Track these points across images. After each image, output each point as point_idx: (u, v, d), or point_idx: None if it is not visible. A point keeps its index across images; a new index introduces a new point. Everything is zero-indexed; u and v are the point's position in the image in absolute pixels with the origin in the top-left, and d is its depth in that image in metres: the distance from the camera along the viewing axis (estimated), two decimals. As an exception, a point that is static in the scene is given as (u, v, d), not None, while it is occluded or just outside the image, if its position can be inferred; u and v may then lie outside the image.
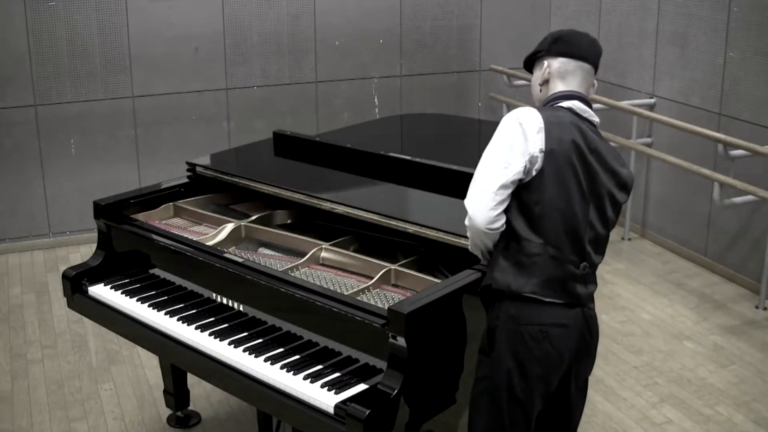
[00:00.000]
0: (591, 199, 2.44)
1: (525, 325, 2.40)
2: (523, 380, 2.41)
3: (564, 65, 2.52)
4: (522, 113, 2.42)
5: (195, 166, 3.64)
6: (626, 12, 6.01)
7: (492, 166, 2.40)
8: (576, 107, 2.47)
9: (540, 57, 2.58)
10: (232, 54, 6.07)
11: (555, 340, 2.41)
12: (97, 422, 3.82)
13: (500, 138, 2.43)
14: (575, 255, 2.43)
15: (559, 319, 2.42)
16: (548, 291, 2.40)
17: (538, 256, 2.39)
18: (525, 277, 2.40)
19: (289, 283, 2.75)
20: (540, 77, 2.57)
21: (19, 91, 5.63)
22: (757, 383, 4.14)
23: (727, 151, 4.85)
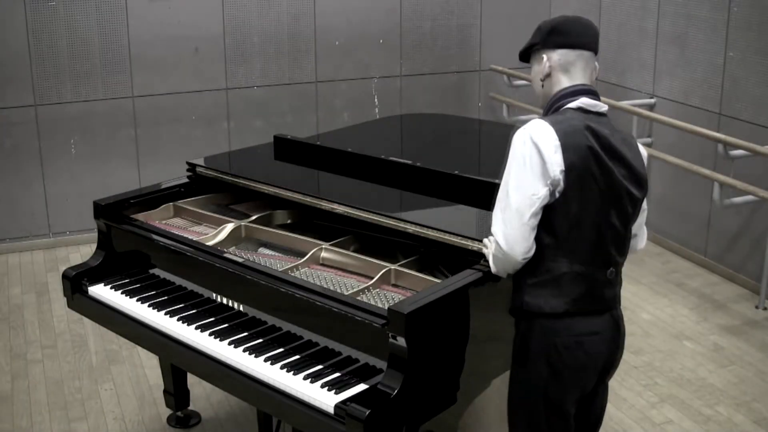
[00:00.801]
0: (611, 202, 2.38)
1: (559, 337, 2.39)
2: (560, 388, 2.42)
3: (564, 57, 2.43)
4: (535, 132, 2.32)
5: (195, 166, 3.64)
6: (626, 12, 6.01)
7: (519, 195, 2.32)
8: (585, 104, 2.40)
9: (537, 50, 2.48)
10: (232, 54, 6.07)
11: (589, 348, 2.41)
12: (97, 422, 3.82)
13: (519, 163, 2.33)
14: (601, 264, 2.41)
15: (592, 327, 2.42)
16: (579, 305, 2.39)
17: (566, 275, 2.36)
18: (555, 297, 2.37)
19: (289, 283, 2.75)
20: (541, 72, 2.47)
21: (19, 91, 5.63)
22: (757, 383, 4.15)
23: (727, 151, 4.85)
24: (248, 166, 3.74)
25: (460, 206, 3.15)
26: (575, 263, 2.36)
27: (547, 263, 2.37)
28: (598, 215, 2.37)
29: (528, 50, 2.52)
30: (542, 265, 2.38)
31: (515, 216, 2.33)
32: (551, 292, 2.38)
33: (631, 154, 2.43)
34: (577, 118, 2.37)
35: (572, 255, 2.36)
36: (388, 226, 2.97)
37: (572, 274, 2.37)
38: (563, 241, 2.35)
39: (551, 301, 2.38)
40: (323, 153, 3.70)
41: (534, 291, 2.39)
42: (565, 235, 2.34)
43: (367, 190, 3.37)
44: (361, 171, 3.49)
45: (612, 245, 2.42)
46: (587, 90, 2.43)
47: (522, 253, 2.36)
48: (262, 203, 3.55)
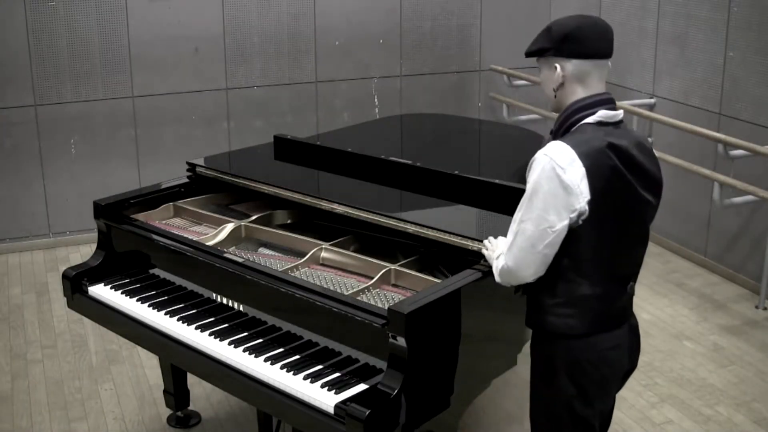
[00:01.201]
0: (633, 218, 2.33)
1: (583, 355, 2.35)
2: (586, 404, 2.39)
3: (579, 67, 2.29)
4: (559, 159, 2.19)
5: (195, 166, 3.64)
6: (626, 12, 6.01)
7: (534, 226, 2.23)
8: (604, 117, 2.28)
9: (548, 56, 2.32)
10: (232, 54, 6.07)
11: (612, 362, 2.40)
12: (97, 422, 3.82)
13: (539, 193, 2.22)
14: (623, 281, 2.38)
15: (613, 341, 2.39)
16: (600, 323, 2.36)
17: (587, 296, 2.31)
18: (577, 319, 2.32)
19: (289, 283, 2.75)
20: (554, 81, 2.32)
21: (19, 91, 5.63)
22: (757, 383, 4.14)
23: (727, 151, 4.85)
24: (248, 166, 3.74)
25: (460, 206, 3.15)
26: (596, 285, 2.31)
27: (569, 284, 2.31)
28: (621, 234, 2.31)
29: (536, 53, 2.37)
30: (563, 286, 2.31)
31: (527, 244, 2.26)
32: (573, 312, 2.32)
33: (648, 160, 2.35)
34: (598, 136, 2.25)
35: (594, 277, 2.30)
36: (388, 226, 2.98)
37: (594, 296, 2.31)
38: (585, 265, 2.29)
39: (571, 322, 2.32)
40: (323, 153, 3.70)
41: (556, 311, 2.33)
42: (588, 258, 2.28)
43: (367, 190, 3.38)
44: (361, 171, 3.49)
45: (633, 261, 2.40)
46: (605, 100, 2.31)
47: (530, 277, 2.32)
48: (262, 203, 3.55)
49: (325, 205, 3.17)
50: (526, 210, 2.26)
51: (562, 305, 2.32)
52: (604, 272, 2.32)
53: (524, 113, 6.60)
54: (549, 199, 2.21)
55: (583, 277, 2.30)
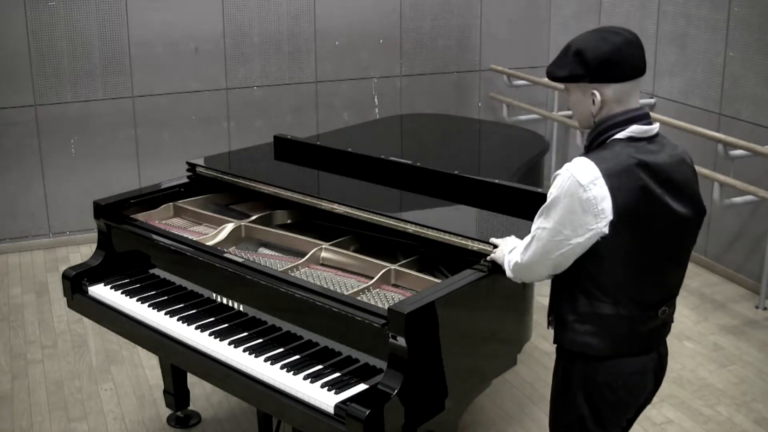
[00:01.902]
0: (669, 240, 2.23)
1: (600, 376, 2.28)
2: (598, 426, 2.34)
3: (618, 89, 2.19)
4: (581, 175, 2.12)
5: (195, 166, 3.64)
6: (626, 12, 6.01)
7: (550, 236, 2.19)
8: (635, 133, 2.19)
9: (583, 82, 2.21)
10: (232, 54, 6.07)
11: (631, 388, 2.32)
12: (97, 422, 3.82)
13: (559, 207, 2.16)
14: (652, 305, 2.27)
15: (635, 367, 2.30)
16: (623, 346, 2.27)
17: (611, 317, 2.22)
18: (599, 338, 2.24)
19: (289, 283, 2.75)
20: (592, 107, 2.21)
21: (19, 91, 5.63)
22: (757, 383, 4.14)
23: (727, 151, 4.85)
24: (248, 166, 3.75)
25: (460, 206, 3.15)
26: (620, 306, 2.22)
27: (591, 302, 2.23)
28: (651, 256, 2.21)
29: (569, 79, 2.24)
30: (585, 303, 2.24)
31: (542, 250, 2.23)
32: (593, 330, 2.24)
33: (687, 176, 2.25)
34: (627, 152, 2.16)
35: (618, 297, 2.21)
36: (388, 226, 2.98)
37: (617, 317, 2.22)
38: (609, 284, 2.21)
39: (591, 340, 2.25)
40: (323, 153, 3.70)
41: (576, 327, 2.26)
42: (611, 278, 2.20)
43: (367, 190, 3.38)
44: (361, 171, 3.49)
45: (667, 284, 2.30)
46: (639, 116, 2.21)
47: (542, 277, 2.31)
48: (262, 203, 3.55)
49: (325, 205, 3.17)
50: (544, 219, 2.22)
51: (583, 322, 2.25)
52: (629, 294, 2.22)
53: (524, 113, 6.60)
54: (566, 214, 2.15)
55: (606, 296, 2.21)
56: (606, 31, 2.22)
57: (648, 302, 2.26)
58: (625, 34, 2.22)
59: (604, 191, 2.11)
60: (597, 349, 2.25)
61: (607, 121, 2.21)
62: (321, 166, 3.65)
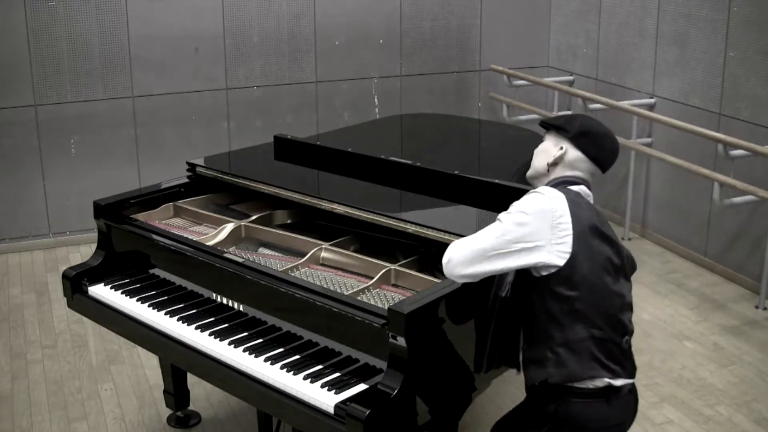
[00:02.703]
0: (617, 272, 2.45)
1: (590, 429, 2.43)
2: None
3: (580, 161, 2.51)
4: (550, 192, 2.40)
5: (195, 166, 3.64)
6: (626, 12, 6.01)
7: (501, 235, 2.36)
8: (583, 192, 2.50)
9: (561, 136, 2.53)
10: (232, 54, 6.07)
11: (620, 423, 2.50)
12: (97, 422, 3.82)
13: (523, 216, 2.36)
14: (617, 331, 2.46)
15: (622, 417, 2.50)
16: (603, 372, 2.42)
17: (585, 340, 2.39)
18: (577, 362, 2.39)
19: (289, 283, 2.75)
20: (551, 157, 2.53)
21: (19, 91, 5.63)
22: (757, 383, 4.15)
23: (727, 151, 4.85)
24: (248, 166, 3.74)
25: (460, 206, 3.15)
26: (593, 327, 2.39)
27: (565, 331, 2.39)
28: (609, 282, 2.42)
29: (555, 128, 2.55)
30: (561, 333, 2.39)
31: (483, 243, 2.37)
32: (574, 357, 2.39)
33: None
34: (580, 197, 2.46)
35: (588, 320, 2.39)
36: (388, 226, 2.97)
37: (591, 339, 2.39)
38: (577, 309, 2.37)
39: (575, 366, 2.39)
40: (323, 153, 3.70)
41: (558, 360, 2.40)
42: (580, 298, 2.37)
43: (367, 190, 3.38)
44: (361, 171, 3.49)
45: (624, 314, 2.49)
46: (586, 183, 2.53)
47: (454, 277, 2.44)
48: (262, 203, 3.55)
49: (325, 205, 3.17)
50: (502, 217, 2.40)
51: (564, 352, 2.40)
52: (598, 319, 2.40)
53: (524, 113, 6.60)
54: (524, 218, 2.35)
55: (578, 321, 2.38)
56: (607, 128, 2.58)
57: (613, 327, 2.44)
58: (617, 142, 2.57)
59: (565, 210, 2.36)
60: (580, 372, 2.39)
61: (562, 178, 2.52)
62: (321, 166, 3.65)
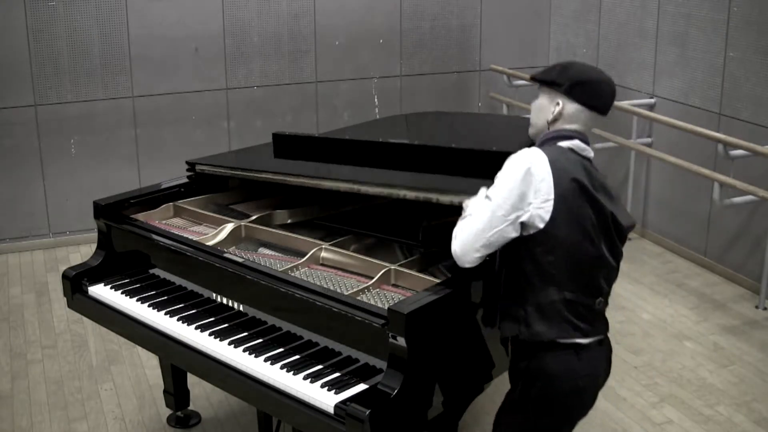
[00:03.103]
0: (600, 233, 2.41)
1: (560, 384, 2.43)
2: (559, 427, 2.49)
3: (578, 113, 2.44)
4: (531, 155, 2.35)
5: (195, 164, 3.63)
6: (626, 12, 6.01)
7: (493, 213, 2.35)
8: (576, 147, 2.43)
9: (555, 90, 2.45)
10: (232, 54, 6.07)
11: (588, 389, 2.49)
12: (97, 422, 3.82)
13: (505, 182, 2.35)
14: (590, 294, 2.44)
15: (590, 370, 2.46)
16: (573, 332, 2.41)
17: (556, 302, 2.39)
18: (547, 324, 2.40)
19: (289, 283, 2.75)
20: (550, 114, 2.47)
21: (19, 91, 5.63)
22: (757, 383, 4.15)
23: (727, 151, 4.85)
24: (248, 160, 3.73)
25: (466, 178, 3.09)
26: (565, 290, 2.39)
27: (537, 292, 2.39)
28: (590, 250, 2.39)
29: (547, 83, 2.48)
30: (532, 295, 2.40)
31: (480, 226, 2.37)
32: (544, 318, 2.40)
33: (616, 193, 2.50)
34: (571, 156, 2.41)
35: (561, 283, 2.38)
36: (392, 196, 2.94)
37: (563, 302, 2.39)
38: (551, 271, 2.37)
39: (542, 326, 2.40)
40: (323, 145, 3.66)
41: (528, 319, 2.41)
42: (552, 266, 2.37)
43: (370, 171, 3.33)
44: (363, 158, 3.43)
45: (601, 276, 2.45)
46: (583, 138, 2.46)
47: (467, 263, 2.43)
48: (262, 203, 3.55)
49: (327, 184, 3.14)
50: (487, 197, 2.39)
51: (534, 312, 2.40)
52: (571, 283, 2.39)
53: (524, 113, 6.59)
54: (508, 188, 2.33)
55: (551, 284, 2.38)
56: (596, 68, 2.52)
57: (586, 289, 2.42)
58: (610, 79, 2.49)
59: (546, 172, 2.32)
60: (546, 331, 2.40)
61: (554, 132, 2.46)
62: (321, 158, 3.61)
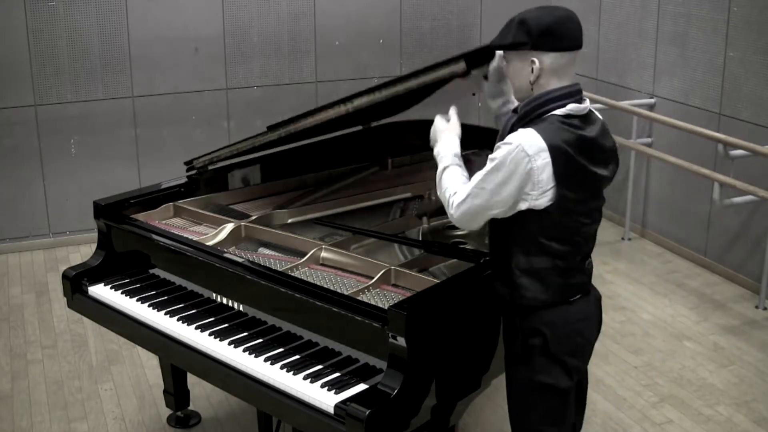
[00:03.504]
0: (592, 202, 2.44)
1: (557, 330, 2.46)
2: (566, 375, 2.49)
3: (557, 60, 2.33)
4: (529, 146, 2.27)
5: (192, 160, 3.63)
6: (626, 12, 6.01)
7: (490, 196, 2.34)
8: (573, 111, 2.34)
9: (523, 49, 2.34)
10: (232, 54, 6.07)
11: (585, 333, 2.52)
12: (97, 422, 3.82)
13: (504, 170, 2.30)
14: (582, 259, 2.49)
15: (583, 314, 2.50)
16: (564, 295, 2.46)
17: (549, 269, 2.42)
18: (540, 288, 2.43)
19: (289, 283, 2.75)
20: (530, 75, 2.34)
21: (19, 91, 5.63)
22: (757, 383, 4.15)
23: (727, 151, 4.85)
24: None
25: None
26: (557, 259, 2.42)
27: (530, 257, 2.41)
28: (582, 221, 2.42)
29: (512, 47, 2.37)
30: (525, 259, 2.42)
31: (477, 208, 2.39)
32: (536, 283, 2.42)
33: (610, 143, 2.46)
34: (565, 128, 2.32)
35: (553, 252, 2.41)
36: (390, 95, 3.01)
37: (555, 269, 2.42)
38: (545, 241, 2.39)
39: (537, 290, 2.43)
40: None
41: (520, 284, 2.44)
42: (548, 237, 2.39)
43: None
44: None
45: (591, 240, 2.51)
46: (574, 92, 2.37)
47: (476, 227, 2.47)
48: (262, 203, 3.55)
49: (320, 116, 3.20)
50: (483, 180, 2.35)
51: (527, 277, 2.43)
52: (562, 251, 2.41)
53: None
54: (506, 181, 2.30)
55: (542, 251, 2.40)
56: (548, 6, 2.39)
57: (575, 254, 2.45)
58: (568, 11, 2.38)
59: (547, 162, 2.28)
60: (541, 294, 2.43)
61: (545, 96, 2.35)
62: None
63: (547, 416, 2.53)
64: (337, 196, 3.70)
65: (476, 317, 2.68)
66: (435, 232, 3.36)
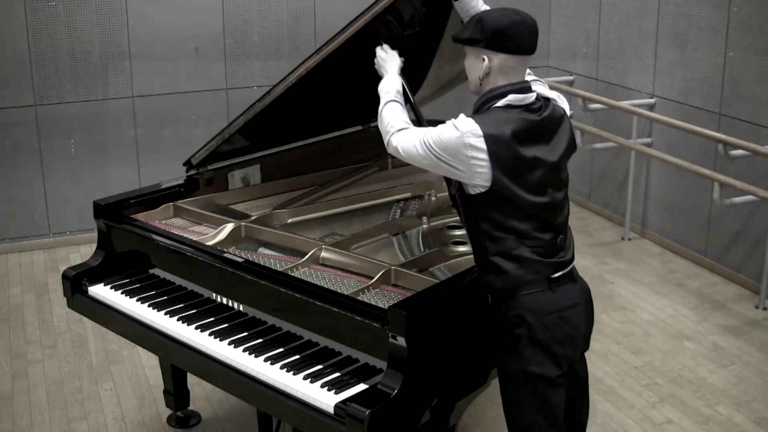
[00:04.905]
0: (549, 179, 2.46)
1: (543, 316, 2.47)
2: (554, 364, 2.50)
3: (506, 62, 2.44)
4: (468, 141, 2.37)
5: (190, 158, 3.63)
6: (626, 12, 6.01)
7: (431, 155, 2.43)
8: (512, 101, 2.43)
9: (477, 47, 2.46)
10: (232, 54, 6.07)
11: (572, 320, 2.52)
12: (97, 422, 3.82)
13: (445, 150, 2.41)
14: (551, 234, 2.50)
15: (568, 302, 2.52)
16: (544, 271, 2.47)
17: (519, 248, 2.45)
18: (515, 268, 2.45)
19: (289, 283, 2.75)
20: (480, 71, 2.47)
21: (19, 91, 5.63)
22: (757, 383, 4.15)
23: (727, 151, 4.85)
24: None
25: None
26: (524, 238, 2.45)
27: (498, 242, 2.45)
28: (534, 197, 2.44)
29: (466, 41, 2.49)
30: (493, 245, 2.46)
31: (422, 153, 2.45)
32: (510, 263, 2.45)
33: (560, 126, 2.51)
34: (505, 118, 2.41)
35: (519, 232, 2.44)
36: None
37: (524, 248, 2.45)
38: (504, 224, 2.43)
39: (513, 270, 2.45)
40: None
41: (496, 269, 2.47)
42: (507, 217, 2.43)
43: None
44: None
45: (556, 217, 2.52)
46: (517, 89, 2.45)
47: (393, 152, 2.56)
48: (262, 203, 3.55)
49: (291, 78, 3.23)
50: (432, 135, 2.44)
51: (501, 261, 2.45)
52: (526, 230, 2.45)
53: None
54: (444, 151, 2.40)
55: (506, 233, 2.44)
56: (509, 10, 2.48)
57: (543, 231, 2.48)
58: (525, 16, 2.47)
59: (480, 146, 2.36)
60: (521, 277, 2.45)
61: (489, 93, 2.47)
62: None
63: (540, 408, 2.54)
64: (337, 196, 3.70)
65: (476, 317, 2.68)
66: (435, 232, 3.37)
